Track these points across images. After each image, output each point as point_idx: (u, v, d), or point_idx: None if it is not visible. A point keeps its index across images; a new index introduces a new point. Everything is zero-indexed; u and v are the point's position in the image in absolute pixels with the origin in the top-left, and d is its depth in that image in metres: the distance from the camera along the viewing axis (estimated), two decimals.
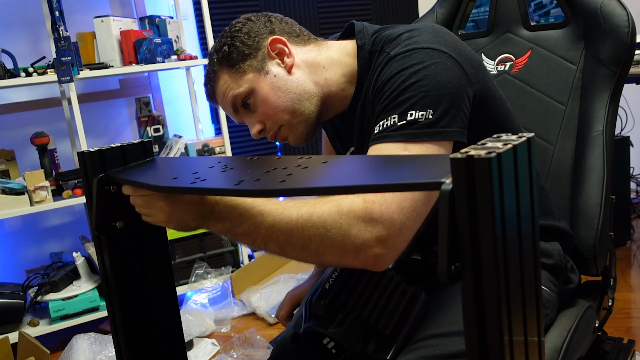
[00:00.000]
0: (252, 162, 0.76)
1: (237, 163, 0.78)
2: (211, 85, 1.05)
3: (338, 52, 1.04)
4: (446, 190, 0.46)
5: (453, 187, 0.46)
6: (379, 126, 0.86)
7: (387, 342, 0.88)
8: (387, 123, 0.85)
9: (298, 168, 0.66)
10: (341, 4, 3.27)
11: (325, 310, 0.89)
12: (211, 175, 0.73)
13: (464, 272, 0.47)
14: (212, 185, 0.70)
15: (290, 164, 0.69)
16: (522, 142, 0.48)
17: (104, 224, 0.88)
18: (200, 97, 2.95)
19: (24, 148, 2.50)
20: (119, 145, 0.91)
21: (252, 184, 0.64)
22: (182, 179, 0.75)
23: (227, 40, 1.02)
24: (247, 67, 1.00)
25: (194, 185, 0.70)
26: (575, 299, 1.13)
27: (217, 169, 0.76)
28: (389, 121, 0.84)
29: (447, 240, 0.46)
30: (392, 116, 0.84)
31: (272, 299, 2.42)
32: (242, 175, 0.70)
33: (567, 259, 1.08)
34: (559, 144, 1.23)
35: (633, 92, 2.70)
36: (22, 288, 2.29)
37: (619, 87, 1.17)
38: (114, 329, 0.95)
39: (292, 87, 1.00)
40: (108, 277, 0.92)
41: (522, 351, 0.51)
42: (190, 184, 0.70)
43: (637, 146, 2.85)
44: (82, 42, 2.39)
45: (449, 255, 0.46)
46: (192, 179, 0.72)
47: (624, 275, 2.39)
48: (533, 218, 0.50)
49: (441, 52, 0.88)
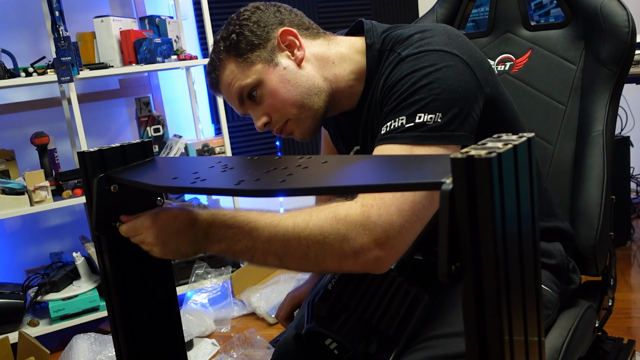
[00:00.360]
0: (252, 161, 0.76)
1: (237, 163, 0.78)
2: (216, 74, 1.02)
3: (347, 48, 1.03)
4: (446, 190, 0.46)
5: (453, 187, 0.46)
6: (386, 127, 0.85)
7: (390, 343, 0.88)
8: (394, 124, 0.84)
9: (298, 168, 0.66)
10: (341, 4, 3.27)
11: (328, 311, 0.89)
12: (211, 175, 0.73)
13: (464, 271, 0.47)
14: (212, 185, 0.70)
15: (290, 163, 0.68)
16: (522, 142, 0.47)
17: (103, 224, 0.87)
18: (200, 97, 2.95)
19: (24, 148, 2.50)
20: (119, 145, 0.90)
21: (252, 183, 0.64)
22: (182, 178, 0.74)
23: (236, 29, 0.99)
24: (255, 57, 0.98)
25: (194, 185, 0.70)
26: (575, 299, 1.12)
27: (217, 168, 0.76)
28: (397, 122, 0.84)
29: (448, 240, 0.46)
30: (400, 117, 0.84)
31: (272, 299, 2.42)
32: (242, 175, 0.70)
33: (569, 260, 1.08)
34: (559, 144, 1.23)
35: (633, 92, 2.70)
36: (22, 288, 2.29)
37: (619, 87, 1.17)
38: (114, 329, 0.95)
39: (301, 81, 0.98)
40: (108, 277, 0.92)
41: (522, 351, 0.51)
42: (190, 183, 0.70)
43: (637, 146, 2.85)
44: (82, 42, 2.39)
45: (449, 255, 0.46)
46: (192, 179, 0.71)
47: (624, 275, 2.39)
48: (533, 218, 0.50)
49: (453, 55, 0.87)
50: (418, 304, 0.92)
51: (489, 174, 0.43)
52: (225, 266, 2.59)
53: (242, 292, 2.53)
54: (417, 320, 0.91)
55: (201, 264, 2.54)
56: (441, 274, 0.47)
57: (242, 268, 2.60)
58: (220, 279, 2.54)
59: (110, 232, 0.89)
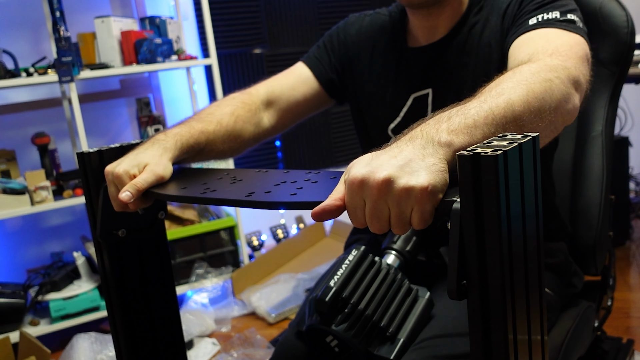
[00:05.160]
0: (260, 175, 0.78)
1: (245, 176, 0.79)
2: None
3: None
4: (457, 209, 0.47)
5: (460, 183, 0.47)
6: (537, 18, 0.91)
7: (391, 342, 0.89)
8: (548, 16, 0.90)
9: (307, 182, 0.68)
10: (342, 4, 3.27)
11: (329, 308, 0.89)
12: (221, 186, 0.74)
13: (470, 284, 0.48)
14: (223, 195, 0.71)
15: (299, 177, 0.70)
16: (527, 140, 0.48)
17: (107, 231, 0.88)
18: (201, 97, 2.95)
19: (24, 148, 2.50)
20: (119, 145, 0.91)
21: (263, 195, 0.66)
22: (192, 188, 0.76)
23: None
24: None
25: (205, 196, 0.71)
26: (575, 298, 1.13)
27: (226, 180, 0.77)
28: (551, 15, 0.90)
29: (457, 259, 0.47)
30: (554, 12, 0.90)
31: (272, 299, 2.43)
32: (252, 187, 0.71)
33: (571, 261, 1.08)
34: (558, 144, 1.23)
35: (632, 92, 2.71)
36: (23, 288, 2.29)
37: (619, 87, 1.18)
38: (113, 329, 0.95)
39: None
40: (108, 277, 0.92)
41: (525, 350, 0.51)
42: (200, 193, 0.72)
43: (636, 146, 2.86)
44: (82, 43, 2.40)
45: (459, 272, 0.48)
46: (202, 189, 0.73)
47: (623, 275, 2.39)
48: (537, 216, 0.50)
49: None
50: (420, 302, 0.93)
51: (495, 171, 0.44)
52: (226, 265, 2.60)
53: (243, 292, 2.53)
54: (419, 318, 0.91)
55: (201, 263, 2.55)
56: (450, 292, 0.48)
57: (243, 268, 2.61)
58: (221, 279, 2.54)
59: (114, 239, 0.89)
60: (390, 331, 0.89)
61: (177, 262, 2.51)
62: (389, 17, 1.15)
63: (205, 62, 2.58)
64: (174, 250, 2.51)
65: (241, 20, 3.00)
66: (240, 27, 3.01)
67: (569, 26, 0.89)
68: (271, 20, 3.07)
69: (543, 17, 0.90)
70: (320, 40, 1.21)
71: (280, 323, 2.34)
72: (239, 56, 3.01)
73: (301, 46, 3.15)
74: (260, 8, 3.03)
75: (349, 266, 0.93)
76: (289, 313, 2.37)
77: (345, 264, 0.93)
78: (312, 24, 3.19)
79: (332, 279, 0.92)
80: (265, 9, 3.04)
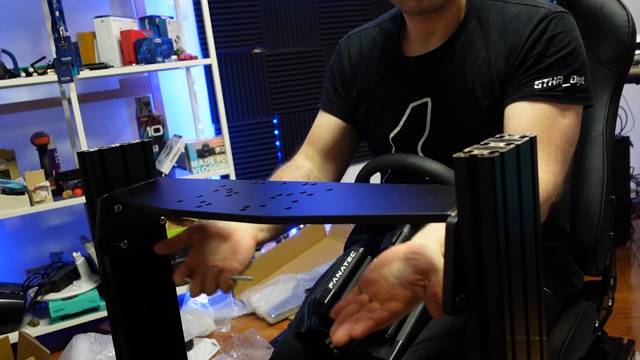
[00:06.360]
0: (256, 186, 0.78)
1: (241, 187, 0.79)
2: None
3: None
4: (452, 223, 0.47)
5: (456, 185, 0.46)
6: (543, 82, 0.93)
7: (390, 344, 0.88)
8: (552, 82, 0.93)
9: (303, 195, 0.68)
10: (341, 4, 3.27)
11: (328, 310, 0.89)
12: (216, 199, 0.74)
13: (468, 298, 0.47)
14: (217, 209, 0.71)
15: (295, 190, 0.71)
16: (524, 142, 0.48)
17: (106, 243, 0.87)
18: (200, 97, 2.95)
19: (24, 148, 2.50)
20: (119, 145, 0.90)
21: (258, 209, 0.66)
22: (187, 202, 0.76)
23: None
24: None
25: (200, 210, 0.71)
26: (575, 299, 1.13)
27: (221, 192, 0.77)
28: (554, 81, 0.93)
29: (453, 273, 0.47)
30: (558, 77, 0.93)
31: (272, 299, 2.42)
32: (247, 200, 0.71)
33: (570, 261, 1.08)
34: None
35: (633, 92, 2.71)
36: (22, 288, 2.29)
37: (619, 87, 1.18)
38: (113, 329, 0.95)
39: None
40: (108, 277, 0.92)
41: (523, 350, 0.51)
42: (195, 207, 0.72)
43: (637, 146, 2.86)
44: (82, 42, 2.40)
45: (455, 286, 0.47)
46: (197, 202, 0.73)
47: (624, 275, 2.39)
48: (535, 217, 0.50)
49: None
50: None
51: (492, 173, 0.44)
52: None
53: (242, 292, 2.53)
54: (417, 320, 0.91)
55: None
56: (445, 307, 0.48)
57: None
58: None
59: (113, 251, 0.88)
60: (389, 333, 0.88)
61: (177, 262, 2.51)
62: (378, 29, 1.15)
63: (205, 61, 2.58)
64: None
65: (241, 20, 3.00)
66: (240, 27, 3.01)
67: (569, 96, 0.93)
68: (271, 20, 3.07)
69: (548, 83, 0.93)
70: (325, 77, 1.23)
71: (280, 323, 2.33)
72: (238, 56, 3.01)
73: (301, 46, 3.14)
74: (260, 8, 3.03)
75: (347, 268, 0.93)
76: (289, 313, 2.37)
77: (344, 266, 0.93)
78: (312, 24, 3.19)
79: (330, 281, 0.91)
80: (265, 9, 3.04)
